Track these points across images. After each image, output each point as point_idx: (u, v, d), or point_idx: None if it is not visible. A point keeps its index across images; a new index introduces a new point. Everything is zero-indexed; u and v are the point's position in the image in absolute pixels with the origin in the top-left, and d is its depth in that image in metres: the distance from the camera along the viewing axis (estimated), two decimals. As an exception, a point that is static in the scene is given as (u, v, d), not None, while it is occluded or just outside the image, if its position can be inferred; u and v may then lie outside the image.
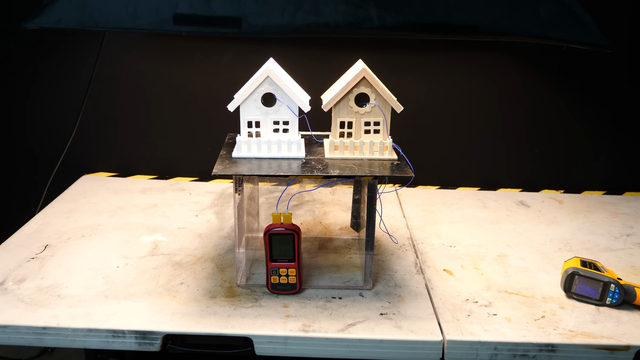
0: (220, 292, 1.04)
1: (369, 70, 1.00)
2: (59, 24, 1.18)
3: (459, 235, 1.31)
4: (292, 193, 1.42)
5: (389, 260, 1.19)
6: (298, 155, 1.04)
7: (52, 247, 1.20)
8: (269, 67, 0.99)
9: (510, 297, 1.05)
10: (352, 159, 1.04)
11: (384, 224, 1.28)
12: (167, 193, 1.52)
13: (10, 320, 0.94)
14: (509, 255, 1.22)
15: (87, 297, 1.02)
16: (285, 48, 1.36)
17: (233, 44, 1.52)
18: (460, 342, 0.93)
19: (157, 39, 1.53)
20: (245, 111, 1.03)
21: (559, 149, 1.61)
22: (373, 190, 0.99)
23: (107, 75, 1.54)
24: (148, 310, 0.98)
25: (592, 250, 1.26)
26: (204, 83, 1.55)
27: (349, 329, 0.94)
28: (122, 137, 1.62)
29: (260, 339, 0.93)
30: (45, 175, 1.57)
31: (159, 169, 1.66)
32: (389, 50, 1.49)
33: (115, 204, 1.43)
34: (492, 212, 1.45)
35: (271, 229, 0.99)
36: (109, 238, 1.25)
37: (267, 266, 1.02)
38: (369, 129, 1.05)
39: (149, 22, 1.12)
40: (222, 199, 1.50)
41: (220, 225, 1.33)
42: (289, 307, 1.00)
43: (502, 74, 1.54)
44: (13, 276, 1.08)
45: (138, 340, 0.93)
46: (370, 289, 1.06)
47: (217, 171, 0.96)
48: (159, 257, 1.17)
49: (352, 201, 1.28)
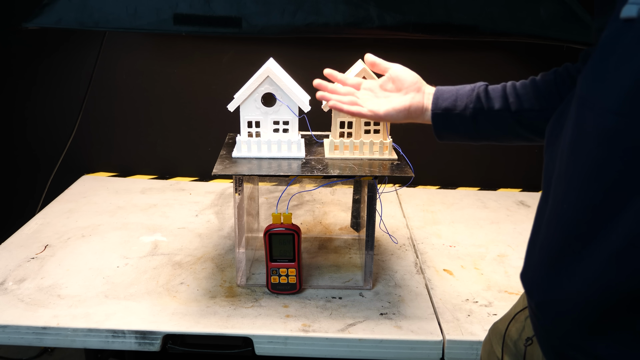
0: (220, 292, 1.04)
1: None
2: (59, 24, 1.18)
3: (459, 235, 1.31)
4: (292, 193, 1.42)
5: (389, 260, 1.19)
6: (298, 155, 1.04)
7: (52, 247, 1.20)
8: (269, 67, 0.99)
9: (510, 297, 1.05)
10: (352, 159, 1.04)
11: (384, 224, 1.28)
12: (167, 193, 1.52)
13: (10, 320, 0.94)
14: (509, 255, 1.22)
15: (87, 297, 1.02)
16: (285, 48, 1.36)
17: (233, 44, 1.52)
18: (460, 342, 0.93)
19: (157, 39, 1.53)
20: (245, 111, 1.03)
21: (559, 149, 1.60)
22: (373, 190, 0.99)
23: (107, 75, 1.54)
24: (148, 310, 0.98)
25: (592, 250, 1.26)
26: (204, 83, 1.55)
27: (349, 329, 0.94)
28: (122, 137, 1.62)
29: (260, 339, 0.93)
30: (45, 175, 1.57)
31: (159, 169, 1.66)
32: (389, 50, 1.49)
33: (115, 204, 1.43)
34: (492, 212, 1.45)
35: (271, 229, 0.99)
36: (109, 238, 1.25)
37: (267, 266, 1.02)
38: (369, 129, 1.05)
39: (149, 22, 1.12)
40: (222, 199, 1.50)
41: (220, 225, 1.33)
42: (289, 307, 1.00)
43: (502, 74, 1.53)
44: (13, 276, 1.08)
45: (138, 340, 0.93)
46: (370, 289, 1.06)
47: (217, 171, 0.96)
48: (159, 257, 1.17)
49: (352, 201, 1.28)
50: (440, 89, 0.85)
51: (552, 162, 0.59)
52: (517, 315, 0.76)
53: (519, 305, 0.78)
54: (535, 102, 0.77)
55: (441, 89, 0.85)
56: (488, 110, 0.80)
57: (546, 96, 0.76)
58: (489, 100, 0.80)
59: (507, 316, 0.80)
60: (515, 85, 0.80)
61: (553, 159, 0.59)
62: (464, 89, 0.83)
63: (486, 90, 0.82)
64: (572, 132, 0.53)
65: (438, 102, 0.84)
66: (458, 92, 0.83)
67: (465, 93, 0.82)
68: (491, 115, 0.80)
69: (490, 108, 0.80)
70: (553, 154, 0.59)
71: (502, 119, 0.80)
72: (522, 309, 0.76)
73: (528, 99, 0.78)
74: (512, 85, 0.81)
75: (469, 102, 0.81)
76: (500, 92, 0.81)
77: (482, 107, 0.81)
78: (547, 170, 0.61)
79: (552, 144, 0.61)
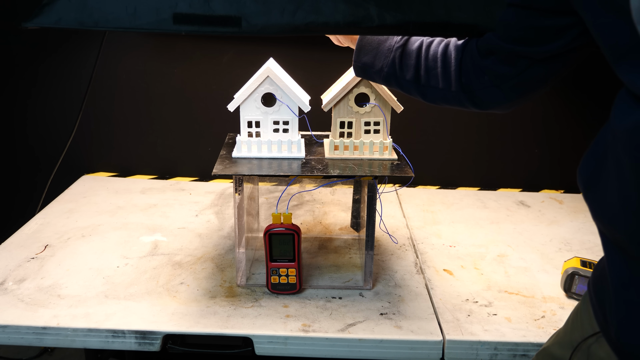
0: (220, 292, 1.04)
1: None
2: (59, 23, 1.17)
3: (459, 235, 1.31)
4: (292, 193, 1.42)
5: (389, 260, 1.19)
6: (298, 155, 1.04)
7: (52, 247, 1.20)
8: (269, 67, 0.99)
9: (510, 297, 1.05)
10: (352, 159, 1.04)
11: (384, 224, 1.28)
12: (167, 193, 1.52)
13: (10, 320, 0.94)
14: (509, 255, 1.22)
15: (87, 297, 1.02)
16: (285, 48, 1.36)
17: (233, 44, 1.51)
18: (460, 342, 0.92)
19: (157, 39, 1.53)
20: (245, 111, 1.03)
21: (559, 149, 1.61)
22: (373, 190, 0.99)
23: (107, 75, 1.54)
24: (148, 310, 0.98)
25: (592, 250, 1.26)
26: (204, 83, 1.55)
27: (349, 329, 0.94)
28: (122, 137, 1.62)
29: (260, 339, 0.93)
30: (46, 175, 1.57)
31: (159, 169, 1.66)
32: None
33: (115, 204, 1.43)
34: (492, 212, 1.45)
35: (271, 229, 0.99)
36: (109, 238, 1.25)
37: (267, 266, 1.02)
38: (369, 129, 1.05)
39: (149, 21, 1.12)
40: (222, 199, 1.50)
41: (220, 225, 1.33)
42: (289, 307, 1.00)
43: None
44: (13, 276, 1.08)
45: (138, 340, 0.93)
46: (370, 289, 1.06)
47: (217, 171, 0.96)
48: (159, 257, 1.17)
49: (352, 201, 1.28)
50: (363, 39, 0.87)
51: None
52: (581, 344, 0.69)
53: (580, 329, 0.69)
54: (440, 81, 0.80)
55: (364, 40, 0.87)
56: (400, 78, 0.84)
57: (448, 77, 0.79)
58: (402, 68, 0.83)
59: (565, 343, 0.72)
60: (429, 51, 0.82)
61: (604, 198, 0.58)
62: (384, 45, 0.85)
63: (402, 54, 0.83)
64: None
65: (360, 54, 0.87)
66: (379, 47, 0.85)
67: (384, 52, 0.85)
68: (401, 83, 0.84)
69: (402, 77, 0.83)
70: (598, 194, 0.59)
71: (411, 89, 0.84)
72: (588, 337, 0.67)
73: (434, 75, 0.80)
74: (426, 51, 0.82)
75: (385, 64, 0.84)
76: (415, 58, 0.82)
77: (395, 73, 0.84)
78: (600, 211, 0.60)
79: (596, 185, 0.60)
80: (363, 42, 0.87)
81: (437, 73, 0.80)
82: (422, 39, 0.83)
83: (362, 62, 0.87)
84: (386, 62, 0.84)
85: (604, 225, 0.60)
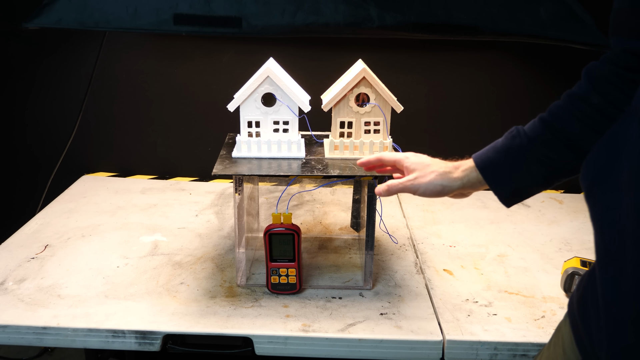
0: (220, 292, 1.04)
1: (369, 70, 1.00)
2: (59, 24, 1.18)
3: (459, 235, 1.31)
4: (292, 193, 1.42)
5: (389, 260, 1.19)
6: (298, 155, 1.04)
7: (52, 247, 1.20)
8: (269, 67, 0.99)
9: (510, 297, 1.05)
10: (352, 159, 1.04)
11: (384, 224, 1.28)
12: (167, 193, 1.52)
13: (10, 320, 0.94)
14: (509, 255, 1.22)
15: (87, 297, 1.02)
16: (285, 48, 1.36)
17: (233, 44, 1.52)
18: (460, 342, 0.93)
19: (157, 39, 1.53)
20: (245, 111, 1.03)
21: (559, 149, 1.60)
22: (373, 190, 0.99)
23: (107, 75, 1.54)
24: (148, 310, 0.98)
25: (592, 250, 1.25)
26: (204, 83, 1.55)
27: (349, 329, 0.94)
28: (122, 137, 1.62)
29: (260, 339, 0.93)
30: (46, 175, 1.57)
31: (159, 169, 1.66)
32: (389, 50, 1.49)
33: (115, 204, 1.43)
34: (492, 212, 1.45)
35: (271, 229, 0.99)
36: (109, 238, 1.25)
37: (267, 266, 1.02)
38: (369, 129, 1.05)
39: (149, 22, 1.12)
40: (222, 199, 1.50)
41: (220, 225, 1.33)
42: (289, 307, 1.00)
43: (502, 74, 1.54)
44: (13, 276, 1.08)
45: (138, 340, 0.93)
46: (370, 289, 1.06)
47: (217, 171, 0.96)
48: (159, 257, 1.17)
49: (352, 201, 1.28)
50: (484, 170, 0.78)
51: (611, 201, 0.55)
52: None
53: (563, 356, 0.68)
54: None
55: (486, 169, 0.77)
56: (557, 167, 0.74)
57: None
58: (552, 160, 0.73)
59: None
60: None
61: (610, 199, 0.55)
62: (515, 164, 0.74)
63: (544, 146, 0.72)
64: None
65: (499, 184, 0.77)
66: (512, 170, 0.75)
67: (521, 172, 0.74)
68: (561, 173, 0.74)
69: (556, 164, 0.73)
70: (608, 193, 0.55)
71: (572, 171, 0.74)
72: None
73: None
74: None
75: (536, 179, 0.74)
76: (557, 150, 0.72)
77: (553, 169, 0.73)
78: (603, 212, 0.56)
79: (604, 182, 0.57)
80: (490, 170, 0.77)
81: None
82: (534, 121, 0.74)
83: (509, 189, 0.76)
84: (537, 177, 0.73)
85: (605, 226, 0.58)
